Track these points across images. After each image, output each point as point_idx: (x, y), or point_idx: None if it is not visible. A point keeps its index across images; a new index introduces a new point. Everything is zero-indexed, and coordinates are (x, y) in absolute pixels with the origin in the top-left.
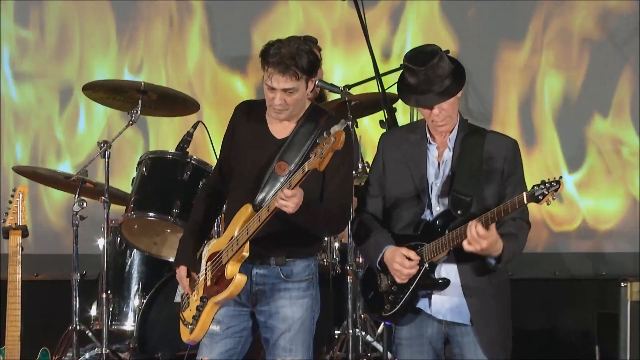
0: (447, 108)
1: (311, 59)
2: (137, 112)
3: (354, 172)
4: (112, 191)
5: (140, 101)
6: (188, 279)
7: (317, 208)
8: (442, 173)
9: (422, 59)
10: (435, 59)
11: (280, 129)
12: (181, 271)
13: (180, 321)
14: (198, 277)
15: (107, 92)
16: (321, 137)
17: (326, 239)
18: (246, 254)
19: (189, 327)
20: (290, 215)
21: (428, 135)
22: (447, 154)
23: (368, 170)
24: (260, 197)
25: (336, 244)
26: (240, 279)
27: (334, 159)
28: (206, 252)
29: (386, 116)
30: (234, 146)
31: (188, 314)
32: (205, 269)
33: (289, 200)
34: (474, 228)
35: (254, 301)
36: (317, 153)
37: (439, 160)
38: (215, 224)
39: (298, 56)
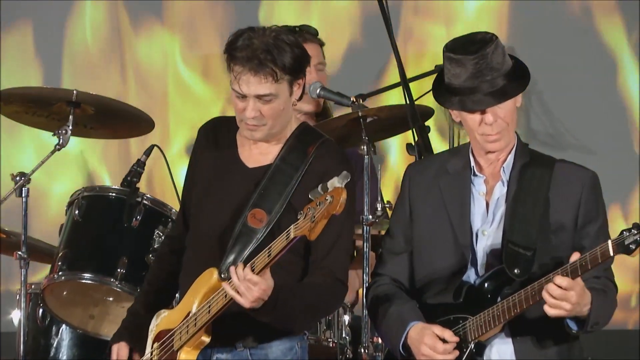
0: (503, 116)
1: (296, 53)
2: (66, 132)
3: (370, 218)
4: (32, 243)
5: (71, 117)
6: None
7: (295, 299)
8: (492, 217)
9: (471, 47)
10: (489, 46)
11: (255, 154)
12: (120, 350)
13: None
14: None
15: (25, 104)
16: (315, 193)
17: None
18: (206, 339)
19: None
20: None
21: (473, 163)
22: (500, 190)
23: (390, 213)
24: (229, 259)
25: (346, 318)
26: None
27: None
28: (154, 327)
29: (416, 138)
30: (195, 182)
31: None
32: (151, 352)
33: (247, 286)
34: (553, 282)
35: None
36: (307, 214)
37: (487, 199)
38: None
39: (277, 49)
